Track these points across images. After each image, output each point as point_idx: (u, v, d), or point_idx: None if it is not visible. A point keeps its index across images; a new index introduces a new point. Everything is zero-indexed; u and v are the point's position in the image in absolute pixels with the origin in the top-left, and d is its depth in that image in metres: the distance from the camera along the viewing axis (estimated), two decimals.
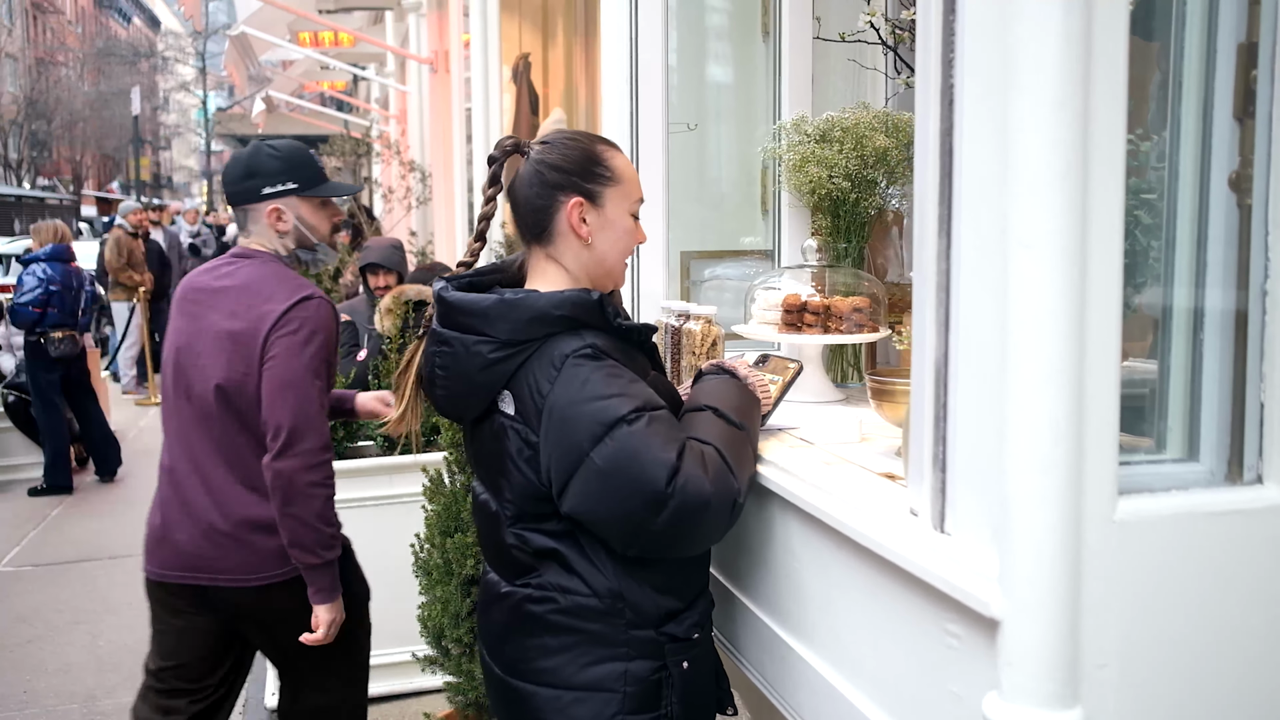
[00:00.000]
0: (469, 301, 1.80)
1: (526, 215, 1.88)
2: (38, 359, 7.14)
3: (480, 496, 1.97)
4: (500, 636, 1.91)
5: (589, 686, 1.80)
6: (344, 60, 12.03)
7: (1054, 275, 1.16)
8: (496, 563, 1.94)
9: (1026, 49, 1.15)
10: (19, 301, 7.04)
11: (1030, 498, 1.19)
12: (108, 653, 4.67)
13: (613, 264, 1.90)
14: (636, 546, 1.75)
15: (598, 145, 1.89)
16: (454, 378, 1.83)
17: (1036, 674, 1.20)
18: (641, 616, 1.80)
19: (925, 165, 1.38)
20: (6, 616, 5.12)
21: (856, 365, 2.64)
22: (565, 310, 1.76)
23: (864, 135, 2.47)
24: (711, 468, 1.67)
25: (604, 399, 1.69)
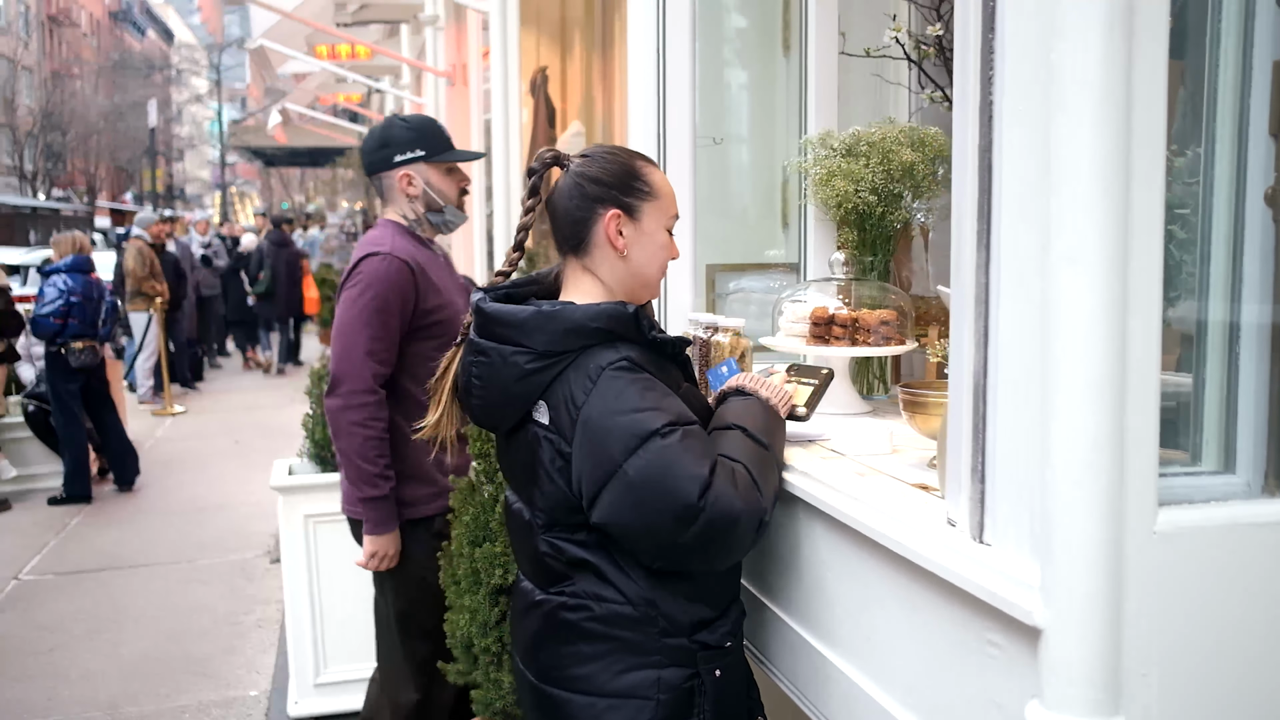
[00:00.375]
0: (506, 313, 1.82)
1: (564, 226, 1.91)
2: (58, 369, 7.19)
3: (514, 506, 2.00)
4: (534, 644, 1.93)
5: (622, 694, 1.82)
6: (360, 73, 12.10)
7: (1097, 289, 1.18)
8: (530, 571, 1.96)
9: (1069, 67, 1.17)
10: (40, 313, 7.08)
11: (1073, 509, 1.21)
12: (129, 661, 4.69)
13: (648, 277, 1.93)
14: (663, 559, 1.78)
15: (637, 160, 1.92)
16: (490, 388, 1.86)
17: (1080, 682, 1.22)
18: (674, 624, 1.83)
19: (964, 180, 1.40)
20: (29, 624, 5.15)
21: (882, 378, 2.65)
22: (601, 323, 1.78)
23: (890, 149, 2.49)
24: (742, 485, 1.70)
25: (638, 411, 1.72)
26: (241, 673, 4.57)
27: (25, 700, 4.32)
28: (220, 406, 11.33)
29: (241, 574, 5.84)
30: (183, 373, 11.98)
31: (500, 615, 2.68)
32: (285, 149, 20.48)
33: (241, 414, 10.77)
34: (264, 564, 5.99)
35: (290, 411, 10.54)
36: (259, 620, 5.15)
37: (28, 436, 7.66)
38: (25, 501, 7.41)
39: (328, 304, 12.37)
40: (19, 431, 7.66)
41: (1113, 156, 1.17)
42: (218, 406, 11.33)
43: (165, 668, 4.62)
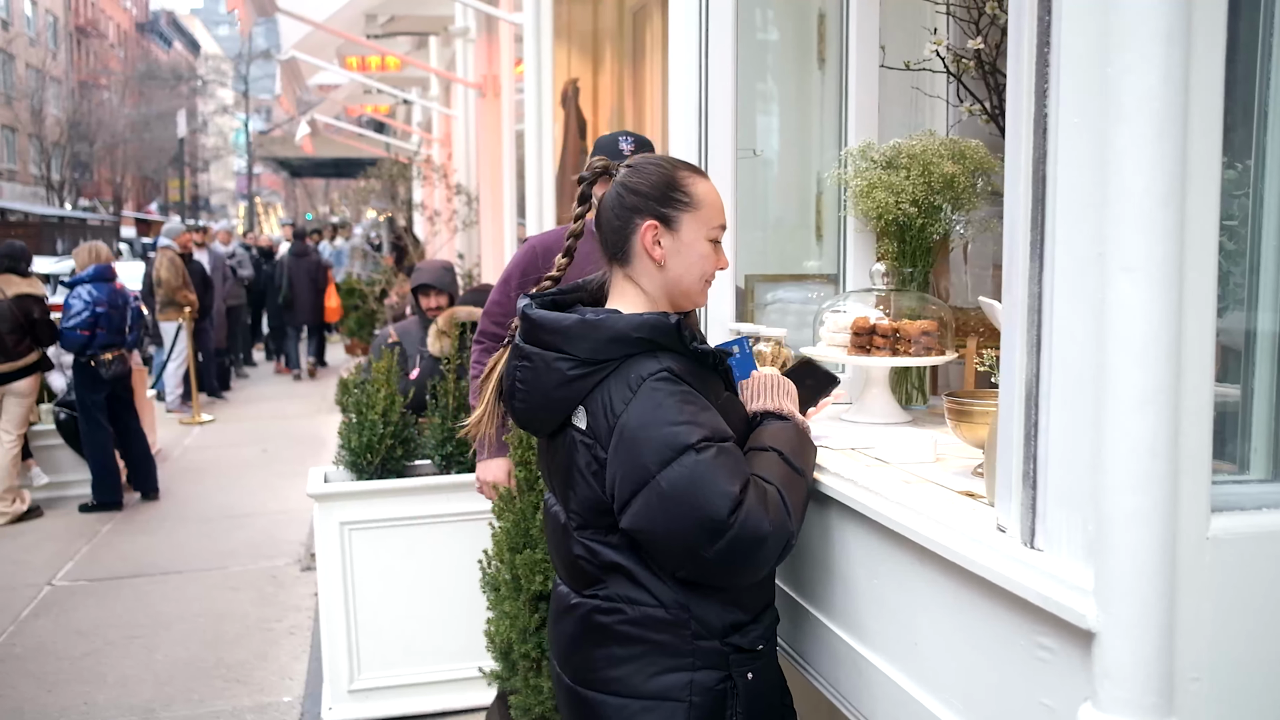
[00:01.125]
0: (552, 320, 1.86)
1: (607, 236, 1.95)
2: (85, 379, 7.25)
3: (552, 509, 2.03)
4: (569, 646, 1.97)
5: (656, 696, 1.85)
6: (389, 84, 12.20)
7: (1154, 298, 1.20)
8: (566, 574, 2.00)
9: (1128, 80, 1.19)
10: (67, 326, 7.12)
11: (1128, 515, 1.23)
12: (163, 667, 4.74)
13: (688, 287, 1.95)
14: (687, 569, 1.81)
15: (680, 170, 1.94)
16: (533, 392, 1.89)
17: (1133, 686, 1.23)
18: (707, 627, 1.85)
19: (1016, 191, 1.42)
20: (64, 630, 5.21)
21: (921, 388, 2.67)
22: (644, 333, 1.81)
23: (931, 162, 2.52)
24: (772, 507, 1.73)
25: (675, 424, 1.74)
26: (275, 679, 4.61)
27: (61, 705, 4.36)
28: (248, 415, 11.41)
29: (272, 581, 5.88)
30: (210, 382, 12.07)
31: (540, 622, 2.72)
32: (311, 159, 20.63)
33: (269, 423, 10.85)
34: (294, 571, 6.03)
35: (318, 421, 10.63)
36: (291, 627, 5.19)
37: (59, 444, 7.73)
38: (57, 508, 7.48)
39: (354, 314, 12.45)
40: (51, 439, 7.73)
41: (1171, 168, 1.20)
42: (245, 415, 11.41)
43: (199, 673, 4.66)
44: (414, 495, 4.00)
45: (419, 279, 5.45)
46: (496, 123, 7.71)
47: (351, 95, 14.38)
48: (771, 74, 3.38)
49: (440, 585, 4.00)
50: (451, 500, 4.00)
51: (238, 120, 50.69)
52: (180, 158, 37.81)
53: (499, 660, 2.80)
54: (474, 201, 9.20)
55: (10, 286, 7.00)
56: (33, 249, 22.50)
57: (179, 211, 38.70)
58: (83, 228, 33.23)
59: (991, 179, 2.63)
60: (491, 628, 2.78)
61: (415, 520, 3.99)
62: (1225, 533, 1.29)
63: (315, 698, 4.27)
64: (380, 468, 4.03)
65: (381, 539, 3.98)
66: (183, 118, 34.83)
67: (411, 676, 4.03)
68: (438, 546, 3.99)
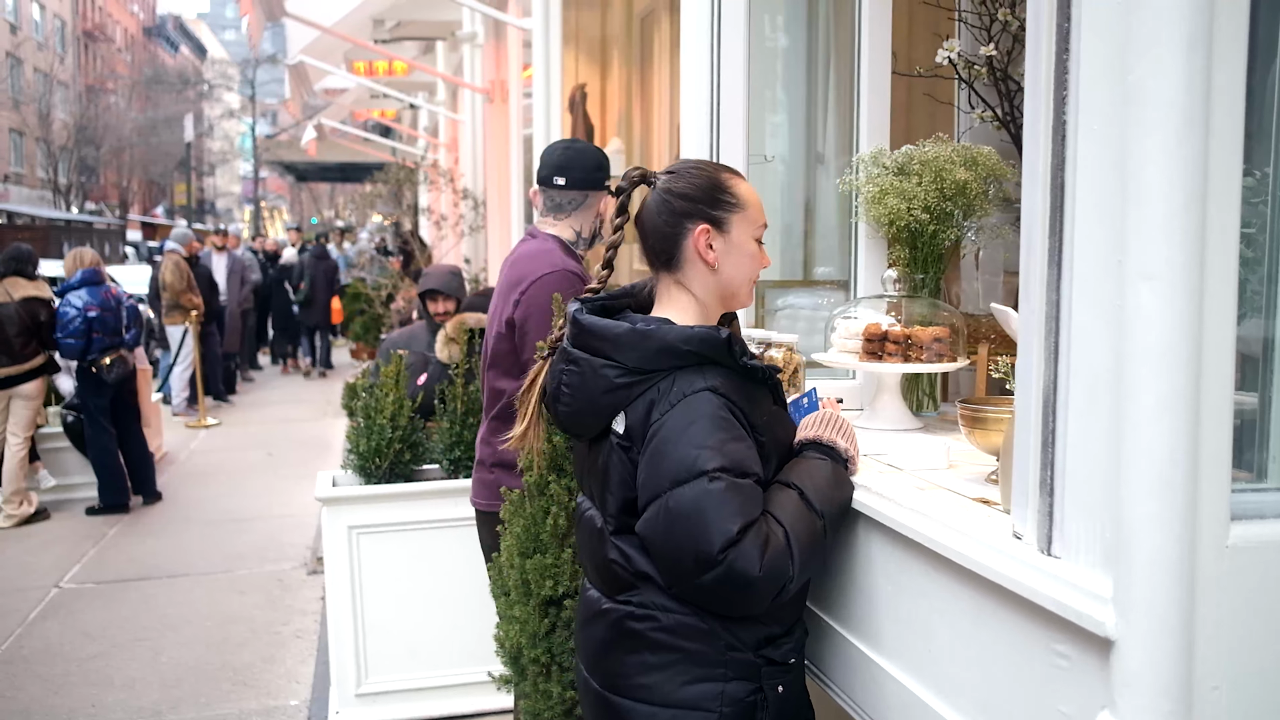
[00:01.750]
0: (602, 327, 1.86)
1: (655, 243, 1.94)
2: (88, 384, 7.25)
3: (586, 512, 2.03)
4: (599, 651, 1.96)
5: (686, 705, 1.84)
6: (396, 89, 12.22)
7: (1174, 306, 1.20)
8: (598, 578, 1.99)
9: (1150, 87, 1.19)
10: (61, 337, 7.10)
11: (1147, 522, 1.22)
12: (170, 669, 4.74)
13: (738, 287, 1.95)
14: (681, 589, 1.81)
15: (722, 173, 1.95)
16: (578, 397, 1.89)
17: (1152, 694, 1.23)
18: (740, 639, 1.84)
19: (1034, 198, 1.42)
20: (71, 632, 5.21)
21: (932, 394, 2.67)
22: (693, 346, 1.81)
23: (943, 168, 2.52)
24: (770, 552, 1.70)
25: (699, 447, 1.74)
26: (282, 682, 4.61)
27: (69, 707, 4.37)
28: (253, 419, 11.42)
29: (279, 585, 5.88)
30: (216, 386, 12.08)
31: (549, 627, 2.71)
32: (317, 164, 20.68)
33: (274, 427, 10.85)
34: (301, 575, 6.03)
35: (323, 425, 10.64)
36: (297, 631, 5.19)
37: (66, 446, 7.75)
38: (63, 511, 7.49)
39: (360, 318, 12.46)
40: (58, 441, 7.75)
41: (1193, 175, 1.19)
42: (251, 419, 11.42)
43: (206, 676, 4.66)
44: (422, 499, 4.00)
45: (426, 284, 5.46)
46: (504, 127, 7.72)
47: (358, 100, 14.41)
48: (785, 80, 3.38)
49: (447, 589, 4.00)
50: (459, 504, 3.99)
51: (244, 124, 50.82)
52: (187, 162, 37.88)
53: (508, 665, 2.79)
54: (481, 206, 9.22)
55: (17, 289, 7.01)
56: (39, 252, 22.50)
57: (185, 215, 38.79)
58: (89, 231, 33.26)
59: (1003, 185, 2.63)
60: (501, 632, 2.77)
61: (423, 524, 3.99)
62: (1245, 541, 1.29)
63: (322, 701, 4.27)
64: (388, 472, 4.03)
65: (389, 543, 3.98)
66: (189, 122, 34.94)
67: (418, 680, 4.03)
68: (445, 551, 3.99)
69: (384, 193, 10.78)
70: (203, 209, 52.01)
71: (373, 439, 3.98)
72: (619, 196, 1.99)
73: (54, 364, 7.36)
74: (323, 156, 17.51)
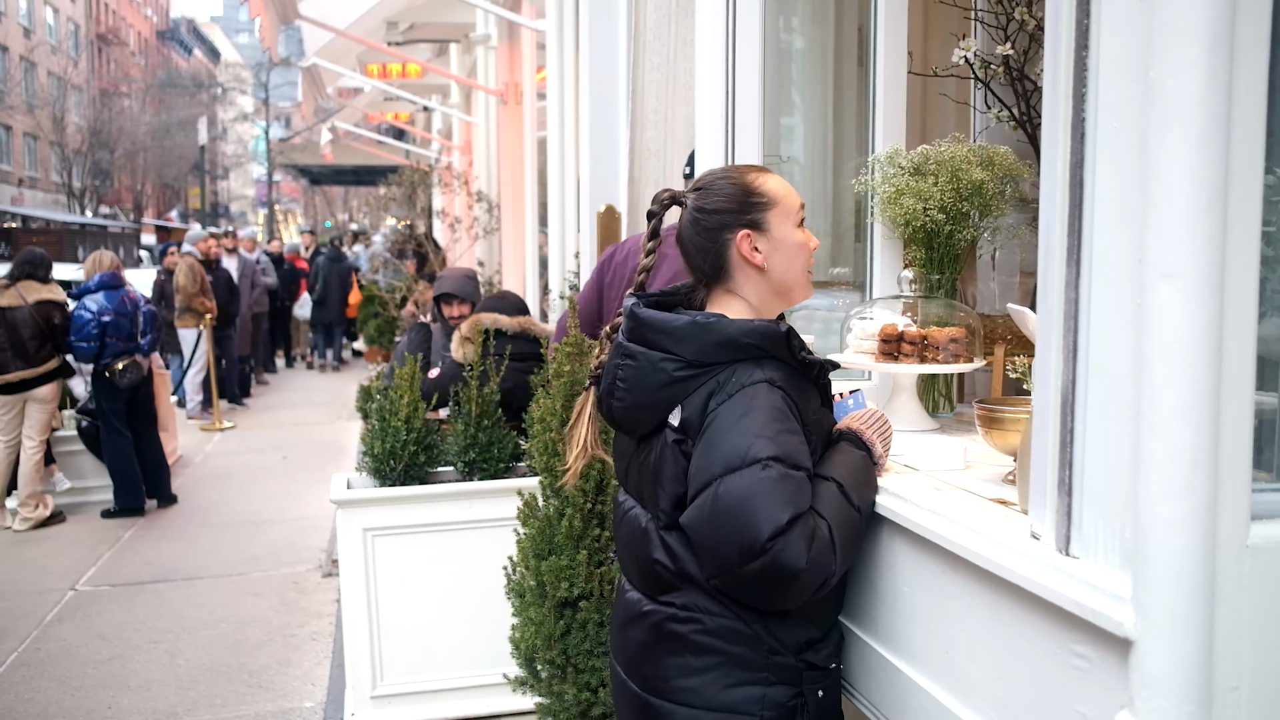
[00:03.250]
0: (661, 320, 1.86)
1: (699, 261, 1.94)
2: (103, 389, 7.28)
3: (630, 511, 2.01)
4: (640, 654, 1.95)
5: (727, 709, 1.84)
6: (409, 91, 12.25)
7: (1195, 305, 1.19)
8: (640, 579, 1.98)
9: (1170, 85, 1.19)
10: (75, 340, 7.13)
11: (1167, 522, 1.22)
12: (186, 672, 4.75)
13: (793, 280, 1.94)
14: (721, 580, 1.79)
15: (748, 175, 1.94)
16: (634, 391, 1.89)
17: (1172, 694, 1.23)
18: (782, 643, 1.84)
19: (1053, 197, 1.42)
20: (87, 634, 5.23)
21: (948, 395, 2.67)
22: (754, 339, 1.80)
23: (959, 168, 2.51)
24: (817, 546, 1.70)
25: (754, 436, 1.73)
26: (297, 684, 4.62)
27: (85, 708, 4.38)
28: (268, 422, 11.45)
29: (294, 587, 5.89)
30: (231, 389, 12.12)
31: (565, 629, 2.72)
32: (331, 167, 20.73)
33: (289, 430, 10.88)
34: (316, 578, 6.04)
35: (337, 428, 10.66)
36: (313, 633, 5.20)
37: (81, 449, 7.77)
38: (79, 514, 7.51)
39: (374, 321, 12.49)
40: (73, 444, 7.77)
41: (1214, 174, 1.19)
42: (266, 422, 11.44)
43: (222, 678, 4.67)
44: (437, 502, 4.00)
45: (441, 288, 5.47)
46: (518, 130, 7.73)
47: (372, 102, 14.45)
48: (801, 80, 3.38)
49: (463, 591, 4.00)
50: (475, 506, 4.00)
51: (258, 128, 50.98)
52: (201, 165, 38.04)
53: (523, 667, 2.80)
54: (494, 209, 9.24)
55: (31, 293, 7.03)
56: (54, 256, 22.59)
57: (199, 219, 38.95)
58: (103, 235, 33.39)
59: (1019, 185, 2.62)
60: (516, 634, 2.78)
61: (438, 527, 3.99)
62: (1265, 541, 1.28)
63: (338, 703, 4.28)
64: (403, 474, 4.03)
65: (404, 545, 3.99)
66: (204, 125, 35.09)
67: (434, 682, 4.03)
68: (460, 553, 3.99)
69: (398, 196, 10.79)
70: (216, 212, 52.20)
71: (387, 441, 3.98)
72: (651, 221, 1.99)
73: (68, 367, 7.38)
74: (337, 159, 17.56)
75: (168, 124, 42.84)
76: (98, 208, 40.49)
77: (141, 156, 42.17)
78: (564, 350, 2.85)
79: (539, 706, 2.78)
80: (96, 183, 40.19)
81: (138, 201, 44.66)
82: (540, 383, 2.98)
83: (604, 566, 2.76)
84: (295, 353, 16.64)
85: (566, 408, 2.84)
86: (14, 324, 6.87)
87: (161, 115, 43.88)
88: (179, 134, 42.59)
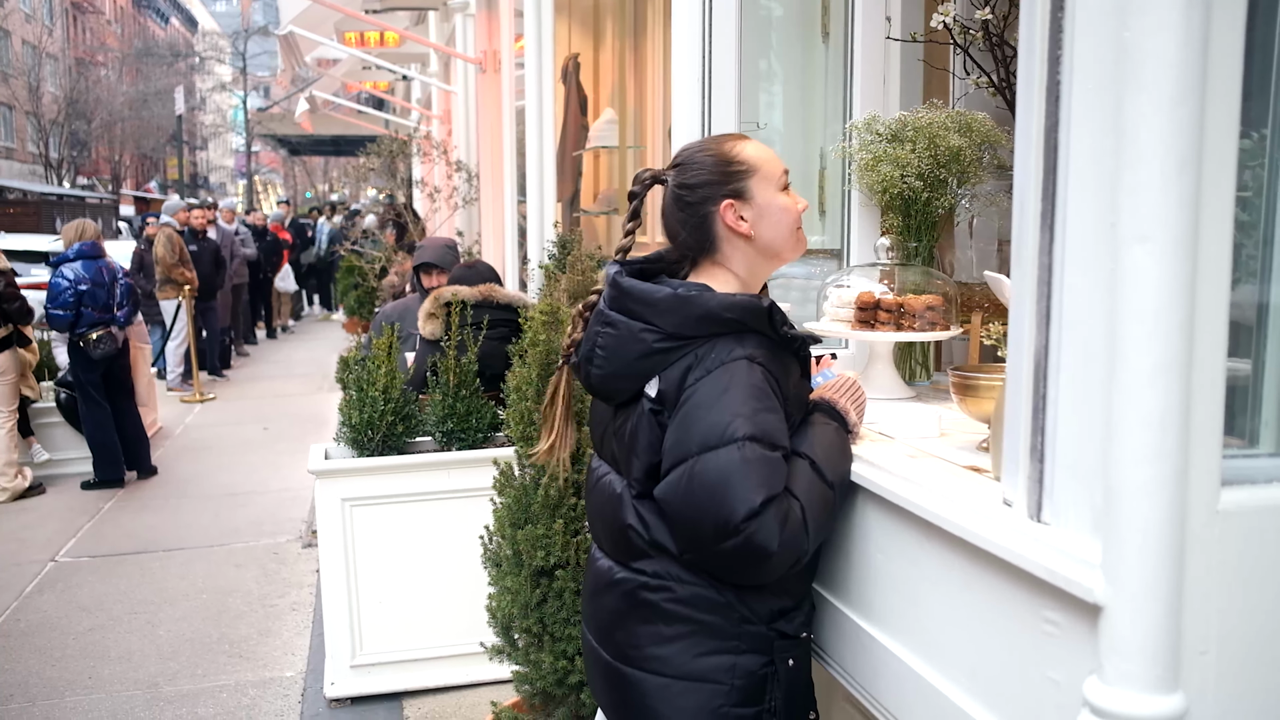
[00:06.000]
0: (642, 290, 1.84)
1: (685, 238, 1.93)
2: (79, 359, 7.22)
3: (604, 477, 2.00)
4: (611, 622, 1.94)
5: (698, 677, 1.83)
6: (388, 60, 12.12)
7: (1168, 269, 1.18)
8: (611, 545, 1.97)
9: (1145, 46, 1.17)
10: (51, 308, 7.06)
11: (1137, 488, 1.21)
12: (167, 641, 4.74)
13: (782, 245, 1.93)
14: (694, 555, 1.79)
15: (725, 144, 1.92)
16: (613, 359, 1.87)
17: (1140, 659, 1.22)
18: (754, 612, 1.84)
19: (1028, 161, 1.41)
20: (68, 605, 5.21)
21: (925, 363, 2.66)
22: (734, 313, 1.79)
23: (937, 135, 2.50)
24: (789, 527, 1.70)
25: (732, 415, 1.72)
26: (278, 654, 4.62)
27: (66, 679, 4.37)
28: (249, 394, 11.40)
29: (274, 558, 5.88)
30: (212, 361, 12.05)
31: (541, 597, 2.71)
32: (310, 137, 20.55)
33: (270, 401, 10.84)
34: (297, 548, 6.03)
35: (318, 400, 10.62)
36: (293, 603, 5.20)
37: (59, 421, 7.73)
38: (57, 485, 7.48)
39: (355, 292, 12.42)
40: (51, 416, 7.73)
41: (1189, 136, 1.17)
42: (247, 394, 11.40)
43: (203, 648, 4.67)
44: (415, 472, 3.99)
45: (421, 257, 5.43)
46: (496, 99, 7.66)
47: (351, 71, 14.30)
48: (777, 47, 3.35)
49: (441, 561, 4.00)
50: (453, 476, 3.99)
51: (235, 98, 50.50)
52: (179, 135, 37.66)
53: (500, 635, 2.80)
54: (474, 179, 9.17)
55: None
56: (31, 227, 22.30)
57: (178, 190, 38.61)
58: (81, 206, 33.00)
59: (998, 153, 2.61)
60: (493, 603, 2.77)
61: (416, 497, 3.99)
62: (1236, 506, 1.28)
63: (318, 673, 4.28)
64: (381, 444, 4.02)
65: (383, 515, 3.98)
66: (180, 95, 34.70)
67: (413, 652, 4.03)
68: (439, 522, 3.99)
69: (378, 166, 10.69)
70: (195, 183, 51.73)
71: (365, 411, 3.96)
72: (632, 202, 1.97)
73: (22, 336, 7.23)
74: (316, 129, 17.40)
75: (145, 94, 42.33)
76: (75, 179, 40.08)
77: (119, 127, 41.68)
78: (539, 319, 2.83)
79: (516, 675, 2.78)
80: (74, 153, 39.76)
81: (115, 172, 44.19)
82: (518, 352, 2.96)
83: (580, 535, 2.75)
84: (276, 324, 16.56)
85: (543, 377, 2.82)
86: None
87: (139, 85, 43.37)
88: (156, 104, 42.06)
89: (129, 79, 44.11)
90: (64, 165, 39.20)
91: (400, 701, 4.05)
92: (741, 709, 1.84)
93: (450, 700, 4.04)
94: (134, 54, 46.47)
